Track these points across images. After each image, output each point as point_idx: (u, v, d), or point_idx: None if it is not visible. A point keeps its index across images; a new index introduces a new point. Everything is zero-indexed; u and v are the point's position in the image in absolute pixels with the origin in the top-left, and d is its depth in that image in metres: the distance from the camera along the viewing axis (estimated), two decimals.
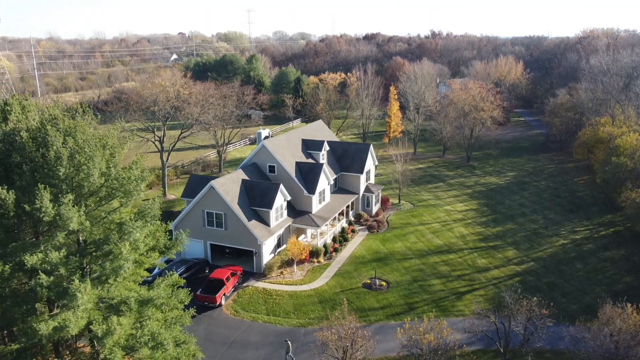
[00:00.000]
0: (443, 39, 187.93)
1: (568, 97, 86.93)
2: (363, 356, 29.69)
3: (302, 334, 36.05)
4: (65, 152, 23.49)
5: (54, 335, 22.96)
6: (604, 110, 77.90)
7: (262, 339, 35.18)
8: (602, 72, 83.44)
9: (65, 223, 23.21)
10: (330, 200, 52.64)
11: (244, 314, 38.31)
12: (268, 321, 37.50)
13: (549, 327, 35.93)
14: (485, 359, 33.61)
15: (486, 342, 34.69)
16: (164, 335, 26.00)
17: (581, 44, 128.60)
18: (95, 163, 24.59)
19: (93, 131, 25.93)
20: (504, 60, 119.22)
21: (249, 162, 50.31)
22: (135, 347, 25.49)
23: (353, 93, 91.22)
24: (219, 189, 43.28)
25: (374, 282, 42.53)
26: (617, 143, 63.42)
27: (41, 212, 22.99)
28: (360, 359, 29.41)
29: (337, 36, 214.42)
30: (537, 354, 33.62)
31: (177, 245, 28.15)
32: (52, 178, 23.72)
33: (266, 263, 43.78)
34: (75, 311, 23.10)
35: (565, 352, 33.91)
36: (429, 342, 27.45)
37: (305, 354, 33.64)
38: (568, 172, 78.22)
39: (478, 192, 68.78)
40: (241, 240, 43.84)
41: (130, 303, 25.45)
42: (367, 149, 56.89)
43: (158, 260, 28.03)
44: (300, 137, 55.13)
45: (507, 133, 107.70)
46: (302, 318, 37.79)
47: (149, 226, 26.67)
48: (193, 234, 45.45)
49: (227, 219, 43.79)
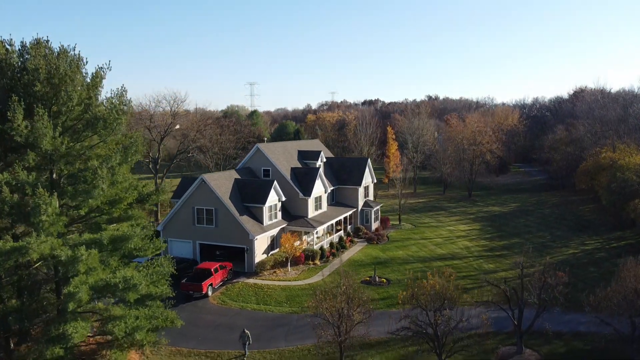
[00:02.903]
0: (440, 102, 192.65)
1: (566, 132, 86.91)
2: (361, 318, 26.64)
3: (294, 319, 32.82)
4: (43, 65, 22.42)
5: (12, 258, 20.58)
6: (603, 142, 77.47)
7: (251, 323, 31.92)
8: (599, 106, 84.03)
9: (37, 139, 21.63)
10: (327, 210, 50.58)
11: (231, 303, 35.18)
12: (258, 309, 34.36)
13: (565, 314, 33.21)
14: (498, 339, 30.24)
15: (499, 325, 31.52)
16: (139, 278, 23.46)
17: (575, 96, 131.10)
18: (75, 86, 23.51)
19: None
20: (501, 108, 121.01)
21: (243, 166, 48.92)
22: (105, 290, 22.88)
23: (351, 132, 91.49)
24: (210, 182, 41.59)
25: (373, 279, 39.55)
26: (620, 164, 62.33)
27: (13, 129, 21.58)
28: (358, 321, 26.35)
29: (337, 102, 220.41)
30: (556, 335, 30.35)
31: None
32: (28, 95, 22.51)
33: (258, 262, 41.02)
34: (39, 230, 20.89)
35: (587, 334, 30.58)
36: (432, 288, 24.65)
37: (297, 334, 30.39)
38: (572, 202, 76.30)
39: (481, 217, 66.52)
40: (232, 238, 41.39)
41: (103, 240, 23.18)
42: (365, 163, 55.67)
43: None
44: (296, 149, 54.13)
45: (508, 179, 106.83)
46: (295, 307, 34.63)
47: (130, 163, 25.05)
48: (182, 234, 43.24)
49: (217, 214, 41.67)
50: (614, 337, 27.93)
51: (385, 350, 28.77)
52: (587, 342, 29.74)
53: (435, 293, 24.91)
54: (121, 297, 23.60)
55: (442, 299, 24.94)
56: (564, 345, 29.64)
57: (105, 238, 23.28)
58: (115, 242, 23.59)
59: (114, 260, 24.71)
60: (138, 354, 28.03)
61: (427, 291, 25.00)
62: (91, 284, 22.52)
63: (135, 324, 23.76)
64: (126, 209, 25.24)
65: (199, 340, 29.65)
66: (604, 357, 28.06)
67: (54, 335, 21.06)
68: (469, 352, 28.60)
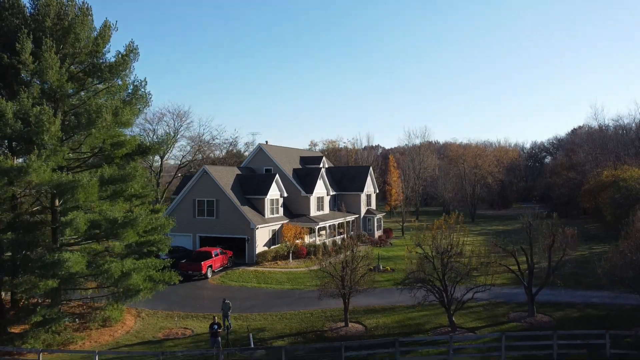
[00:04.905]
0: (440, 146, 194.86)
1: (567, 158, 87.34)
2: (365, 271, 25.81)
3: (296, 293, 31.72)
4: (54, 3, 23.03)
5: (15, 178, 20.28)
6: (604, 164, 77.70)
7: (251, 295, 30.85)
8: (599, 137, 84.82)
9: (43, 71, 21.85)
10: (329, 213, 50.05)
11: (232, 283, 34.11)
12: (258, 286, 33.26)
13: (576, 291, 32.30)
14: (508, 307, 29.05)
15: (508, 298, 30.55)
16: (139, 211, 23.02)
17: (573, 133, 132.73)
18: (84, 28, 24.01)
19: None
20: (500, 146, 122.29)
21: (245, 166, 48.88)
22: (103, 225, 22.36)
23: (352, 158, 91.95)
24: (212, 173, 41.46)
25: (377, 268, 38.52)
26: (623, 177, 62.29)
27: (21, 62, 21.88)
28: (362, 273, 25.51)
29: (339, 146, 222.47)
30: (568, 305, 29.25)
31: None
32: (38, 31, 22.94)
33: (259, 252, 40.12)
34: (41, 149, 20.68)
35: (600, 305, 29.41)
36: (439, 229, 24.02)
37: (299, 304, 29.27)
38: (577, 222, 75.45)
39: (485, 232, 65.64)
40: (233, 228, 40.70)
41: (105, 174, 22.93)
42: (366, 171, 55.68)
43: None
44: (298, 155, 54.31)
45: (509, 212, 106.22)
46: (296, 285, 33.54)
47: (134, 107, 25.10)
48: (182, 228, 42.54)
49: (219, 205, 41.22)
50: (630, 307, 26.96)
51: (390, 314, 27.55)
52: (602, 310, 28.55)
53: (441, 236, 24.24)
54: (120, 236, 22.99)
55: (448, 243, 24.24)
56: (577, 311, 28.43)
57: (106, 174, 23.05)
58: (116, 181, 23.28)
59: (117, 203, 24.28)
60: (133, 316, 26.88)
61: (434, 233, 24.36)
62: (89, 217, 22.06)
63: (133, 266, 23.01)
64: (127, 154, 24.96)
65: (196, 307, 28.52)
66: (621, 320, 26.83)
67: (48, 261, 20.31)
68: (479, 314, 27.50)
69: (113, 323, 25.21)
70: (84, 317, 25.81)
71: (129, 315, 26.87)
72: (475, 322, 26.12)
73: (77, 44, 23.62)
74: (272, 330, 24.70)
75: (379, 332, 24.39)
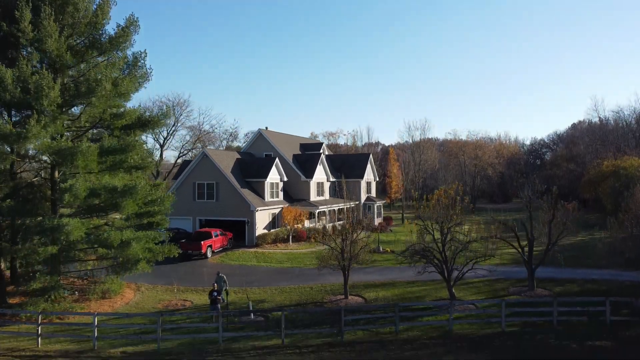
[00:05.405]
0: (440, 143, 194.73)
1: (566, 150, 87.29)
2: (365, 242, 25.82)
3: (296, 270, 31.73)
4: None
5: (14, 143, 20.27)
6: (604, 155, 77.66)
7: (250, 272, 30.84)
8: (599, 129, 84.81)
9: (42, 39, 21.82)
10: (329, 198, 50.02)
11: (231, 262, 34.08)
12: (259, 265, 33.25)
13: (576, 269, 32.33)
14: (508, 283, 29.01)
15: (507, 275, 30.60)
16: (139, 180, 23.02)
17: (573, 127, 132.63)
18: None
19: None
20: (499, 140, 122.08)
21: (244, 151, 48.86)
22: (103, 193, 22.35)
23: (353, 150, 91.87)
24: (212, 156, 41.43)
25: (377, 249, 38.51)
26: (624, 166, 62.27)
27: (20, 30, 21.85)
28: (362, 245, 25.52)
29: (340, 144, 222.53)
30: (569, 281, 29.26)
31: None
32: None
33: (259, 235, 40.07)
34: (40, 114, 20.65)
35: (601, 281, 29.39)
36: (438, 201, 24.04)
37: (299, 279, 29.25)
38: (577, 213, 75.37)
39: (486, 221, 65.51)
40: (233, 211, 40.64)
41: (104, 144, 22.91)
42: (366, 158, 55.64)
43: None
44: (298, 142, 54.29)
45: (510, 206, 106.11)
46: (297, 264, 33.53)
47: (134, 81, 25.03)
48: (182, 211, 42.46)
49: (219, 188, 41.19)
50: (630, 283, 26.97)
51: (390, 288, 27.52)
52: (601, 285, 28.52)
53: (442, 207, 24.25)
54: (120, 206, 22.98)
55: (448, 213, 24.24)
56: (578, 287, 28.39)
57: (105, 144, 23.03)
58: (115, 151, 23.23)
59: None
60: (132, 290, 26.85)
61: (433, 204, 24.37)
62: (89, 185, 22.05)
63: (132, 235, 22.96)
64: (127, 126, 24.95)
65: (196, 283, 28.45)
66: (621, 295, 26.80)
67: (47, 226, 20.29)
68: (479, 289, 27.49)
69: (112, 295, 25.18)
70: (83, 291, 25.80)
71: (129, 289, 26.84)
72: (475, 295, 26.10)
73: (76, 14, 23.59)
74: (272, 301, 24.69)
75: (378, 304, 24.37)
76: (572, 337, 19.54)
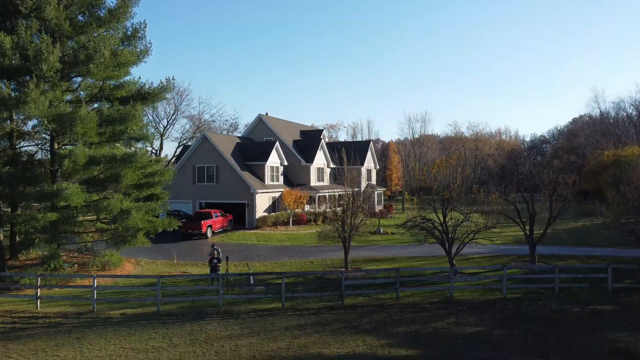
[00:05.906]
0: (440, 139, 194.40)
1: (567, 142, 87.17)
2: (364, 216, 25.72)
3: (296, 248, 31.63)
4: None
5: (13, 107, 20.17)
6: (605, 145, 77.56)
7: (251, 249, 30.74)
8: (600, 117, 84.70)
9: (41, 6, 21.74)
10: (329, 184, 49.93)
11: (231, 241, 33.98)
12: (259, 243, 33.16)
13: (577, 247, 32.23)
14: (509, 258, 28.95)
15: (508, 252, 30.49)
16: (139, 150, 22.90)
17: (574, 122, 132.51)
18: None
19: None
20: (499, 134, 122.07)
21: (244, 136, 48.75)
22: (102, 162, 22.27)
23: None
24: (212, 139, 41.35)
25: (378, 230, 38.43)
26: (625, 154, 62.20)
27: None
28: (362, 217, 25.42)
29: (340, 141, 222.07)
30: (571, 257, 29.19)
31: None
32: None
33: (259, 217, 39.98)
34: (40, 80, 20.56)
35: (602, 257, 29.32)
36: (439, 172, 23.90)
37: (299, 255, 29.16)
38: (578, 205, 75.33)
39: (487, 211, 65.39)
40: (233, 194, 40.54)
41: (104, 111, 22.83)
42: (367, 145, 55.56)
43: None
44: (299, 129, 54.20)
45: None
46: (297, 243, 33.44)
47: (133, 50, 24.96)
48: (181, 195, 42.38)
49: (219, 171, 41.10)
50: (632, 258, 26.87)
51: (391, 263, 27.43)
52: (604, 260, 28.42)
53: (442, 177, 24.15)
54: (119, 176, 22.91)
55: (447, 184, 24.14)
56: (579, 262, 28.28)
57: (105, 112, 22.94)
58: (115, 120, 23.14)
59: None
60: (132, 264, 26.77)
61: (433, 175, 24.24)
62: (89, 152, 21.98)
63: (132, 204, 22.88)
64: (126, 98, 24.84)
65: (196, 258, 28.39)
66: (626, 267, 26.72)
67: (47, 192, 20.21)
68: (480, 263, 27.42)
69: (112, 268, 25.09)
70: (83, 265, 25.72)
71: (128, 263, 26.76)
72: (477, 269, 26.00)
73: None
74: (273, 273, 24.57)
75: (379, 275, 24.29)
76: (574, 302, 19.45)
